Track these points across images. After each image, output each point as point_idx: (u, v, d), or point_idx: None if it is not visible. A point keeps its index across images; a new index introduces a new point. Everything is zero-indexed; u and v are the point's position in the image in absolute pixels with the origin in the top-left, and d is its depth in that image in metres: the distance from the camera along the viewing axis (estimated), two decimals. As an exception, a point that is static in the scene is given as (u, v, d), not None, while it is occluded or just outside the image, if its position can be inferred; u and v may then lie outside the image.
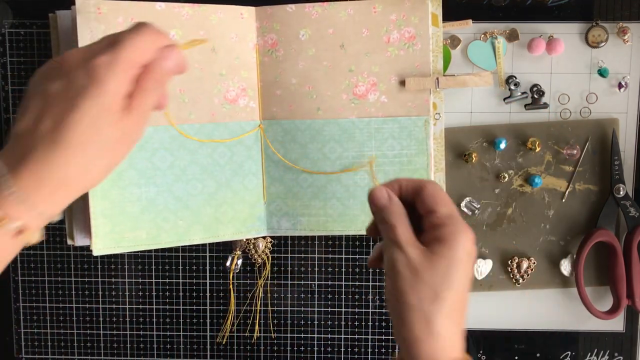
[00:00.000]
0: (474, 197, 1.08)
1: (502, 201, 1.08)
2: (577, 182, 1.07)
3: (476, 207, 1.07)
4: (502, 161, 1.07)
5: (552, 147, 1.06)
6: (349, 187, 1.04)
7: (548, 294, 1.10)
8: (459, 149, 1.07)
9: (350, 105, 1.02)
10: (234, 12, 1.01)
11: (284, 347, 1.13)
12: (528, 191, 1.07)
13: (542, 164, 1.07)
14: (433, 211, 0.76)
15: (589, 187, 1.07)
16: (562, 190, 1.07)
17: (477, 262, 1.08)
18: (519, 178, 1.07)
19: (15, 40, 1.06)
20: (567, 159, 1.06)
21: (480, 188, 1.08)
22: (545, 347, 1.12)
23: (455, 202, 1.05)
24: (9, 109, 1.07)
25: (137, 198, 0.99)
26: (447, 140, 1.06)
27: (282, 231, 1.06)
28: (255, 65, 1.03)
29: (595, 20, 1.04)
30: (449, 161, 1.07)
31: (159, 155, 1.00)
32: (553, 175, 1.07)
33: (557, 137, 1.06)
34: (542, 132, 1.06)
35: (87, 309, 1.12)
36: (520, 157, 1.07)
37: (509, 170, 1.07)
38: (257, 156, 1.05)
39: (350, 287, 1.11)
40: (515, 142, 1.06)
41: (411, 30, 1.01)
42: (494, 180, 1.07)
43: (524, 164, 1.07)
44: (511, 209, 1.08)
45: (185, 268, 1.11)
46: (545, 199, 1.08)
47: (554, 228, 1.08)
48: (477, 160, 1.06)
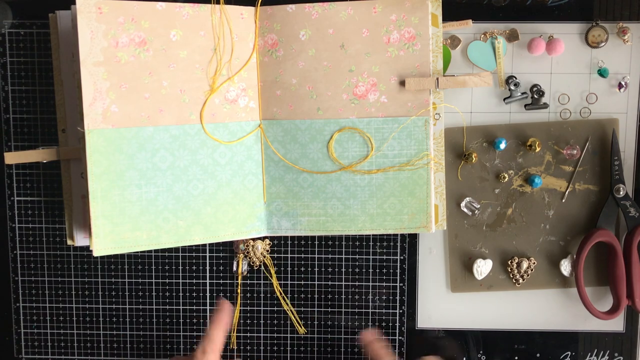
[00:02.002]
0: (474, 197, 1.08)
1: (502, 201, 1.08)
2: (577, 182, 1.07)
3: (476, 207, 1.07)
4: (502, 161, 1.07)
5: (552, 147, 1.06)
6: (349, 187, 1.04)
7: (548, 294, 1.10)
8: (459, 149, 1.07)
9: (351, 105, 1.02)
10: (234, 12, 1.01)
11: (284, 347, 1.13)
12: (528, 191, 1.07)
13: (542, 164, 1.07)
14: None
15: (589, 187, 1.07)
16: (562, 190, 1.07)
17: (477, 262, 1.08)
18: (519, 178, 1.07)
19: (15, 41, 1.06)
20: (567, 159, 1.06)
21: (480, 188, 1.08)
22: (545, 347, 1.12)
23: (455, 202, 1.05)
24: (9, 109, 1.07)
25: (138, 198, 0.99)
26: (447, 140, 1.06)
27: (282, 231, 1.06)
28: (255, 65, 1.03)
29: (595, 21, 1.04)
30: (449, 161, 1.07)
31: (160, 156, 1.00)
32: (553, 175, 1.07)
33: (557, 137, 1.06)
34: (542, 132, 1.06)
35: (87, 309, 1.12)
36: (520, 157, 1.07)
37: (509, 171, 1.07)
38: (257, 156, 1.05)
39: (350, 287, 1.11)
40: (515, 142, 1.06)
41: (411, 31, 1.01)
42: (494, 180, 1.07)
43: (524, 164, 1.07)
44: (511, 209, 1.08)
45: (185, 268, 1.11)
46: (545, 199, 1.08)
47: (554, 228, 1.08)
48: (477, 160, 1.06)
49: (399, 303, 1.11)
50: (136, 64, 0.97)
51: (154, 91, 0.98)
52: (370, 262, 1.11)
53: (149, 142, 0.99)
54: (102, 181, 0.96)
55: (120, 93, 0.96)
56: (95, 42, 0.94)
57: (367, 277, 1.11)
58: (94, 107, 0.95)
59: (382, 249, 1.10)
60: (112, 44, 0.95)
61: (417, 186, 1.03)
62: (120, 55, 0.96)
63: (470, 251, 1.09)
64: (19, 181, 1.09)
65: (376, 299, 1.11)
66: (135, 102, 0.97)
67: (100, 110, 0.95)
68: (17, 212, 1.10)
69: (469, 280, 1.09)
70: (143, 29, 0.96)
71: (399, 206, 1.04)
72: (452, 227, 1.08)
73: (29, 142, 1.08)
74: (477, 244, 1.09)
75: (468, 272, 1.09)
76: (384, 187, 1.04)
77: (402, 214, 1.04)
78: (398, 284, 1.11)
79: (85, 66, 0.94)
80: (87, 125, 0.95)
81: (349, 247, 1.10)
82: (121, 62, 0.96)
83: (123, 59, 0.96)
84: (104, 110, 0.95)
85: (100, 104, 0.95)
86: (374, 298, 1.11)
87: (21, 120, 1.07)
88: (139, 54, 0.97)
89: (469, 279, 1.09)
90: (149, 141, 0.99)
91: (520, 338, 1.12)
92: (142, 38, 0.96)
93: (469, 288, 1.10)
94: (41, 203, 1.09)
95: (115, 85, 0.96)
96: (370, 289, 1.11)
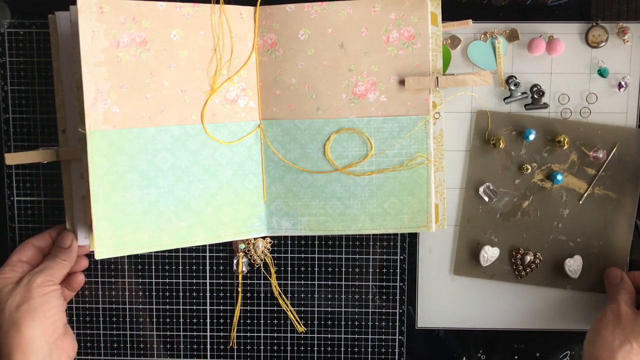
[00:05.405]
0: (494, 184, 1.07)
1: (520, 192, 1.08)
2: (597, 186, 1.07)
3: (494, 194, 1.07)
4: (527, 153, 1.07)
5: (580, 147, 1.06)
6: (349, 186, 1.04)
7: (549, 293, 1.10)
8: (488, 133, 1.07)
9: (350, 105, 1.03)
10: (233, 12, 1.01)
11: (283, 347, 1.13)
12: (547, 187, 1.07)
13: (566, 162, 1.07)
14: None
15: (608, 193, 1.07)
16: (581, 192, 1.07)
17: (485, 248, 1.08)
18: (540, 173, 1.07)
19: (14, 40, 1.06)
20: (592, 162, 1.06)
21: (502, 176, 1.08)
22: (545, 347, 1.12)
23: (473, 187, 1.05)
24: (9, 109, 1.07)
25: (139, 200, 0.99)
26: (477, 122, 1.06)
27: (283, 231, 1.06)
28: (254, 65, 1.03)
29: (595, 21, 1.04)
30: (476, 144, 1.07)
31: (161, 157, 0.99)
32: (575, 175, 1.07)
33: (586, 139, 1.06)
34: (572, 130, 1.06)
35: (87, 309, 1.12)
36: (546, 152, 1.07)
37: (533, 163, 1.07)
38: (257, 156, 1.05)
39: (350, 287, 1.11)
40: (544, 136, 1.06)
41: (411, 30, 1.01)
42: (516, 170, 1.07)
43: (549, 159, 1.07)
44: (528, 202, 1.08)
45: (185, 268, 1.11)
46: (563, 197, 1.08)
47: (566, 228, 1.08)
48: (504, 148, 1.06)
49: (399, 303, 1.11)
50: (137, 64, 0.96)
51: (155, 91, 0.98)
52: (370, 262, 1.11)
53: (151, 143, 0.99)
54: (104, 183, 0.96)
55: (122, 93, 0.96)
56: (97, 42, 0.94)
57: (367, 277, 1.11)
58: (95, 108, 0.95)
59: (382, 248, 1.10)
60: (113, 44, 0.95)
61: (417, 185, 1.03)
62: (122, 55, 0.95)
63: (480, 237, 1.09)
64: (18, 181, 1.09)
65: (376, 299, 1.11)
66: (136, 102, 0.97)
67: (102, 111, 0.95)
68: (17, 212, 1.10)
69: (474, 265, 1.10)
70: (144, 29, 0.96)
71: (399, 206, 1.04)
72: (467, 210, 1.09)
73: (29, 143, 1.08)
74: (488, 231, 1.09)
75: (474, 258, 1.09)
76: (384, 186, 1.04)
77: (402, 213, 1.04)
78: (398, 284, 1.11)
79: (87, 66, 0.94)
80: (89, 127, 0.94)
81: (349, 247, 1.10)
82: (122, 62, 0.96)
83: (124, 59, 0.96)
84: (105, 111, 0.95)
85: (101, 104, 0.95)
86: (373, 298, 1.11)
87: (21, 120, 1.07)
88: (140, 54, 0.96)
89: (474, 264, 1.10)
90: (150, 142, 0.99)
91: (520, 337, 1.12)
92: (143, 38, 0.96)
93: (471, 273, 1.10)
94: (41, 203, 1.09)
95: (117, 86, 0.95)
96: (370, 289, 1.11)
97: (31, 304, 0.97)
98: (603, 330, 0.99)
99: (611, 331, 0.98)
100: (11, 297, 0.97)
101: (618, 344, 0.97)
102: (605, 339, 0.98)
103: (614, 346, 0.97)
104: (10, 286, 0.99)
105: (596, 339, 0.99)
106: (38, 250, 1.05)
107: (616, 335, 0.97)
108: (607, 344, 0.97)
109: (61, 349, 1.00)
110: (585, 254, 1.09)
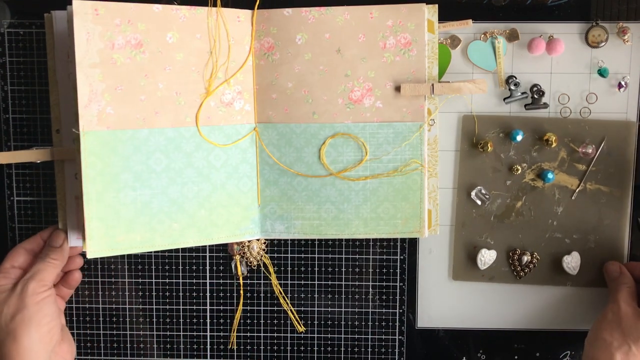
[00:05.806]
0: (485, 187, 1.07)
1: (512, 193, 1.08)
2: (589, 181, 1.07)
3: (486, 197, 1.07)
4: (517, 153, 1.07)
5: (568, 144, 1.06)
6: (344, 191, 1.04)
7: (549, 293, 1.10)
8: (476, 137, 1.07)
9: (346, 110, 1.02)
10: (230, 15, 1.01)
11: (283, 347, 1.13)
12: (539, 186, 1.07)
13: (556, 160, 1.06)
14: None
15: (600, 187, 1.07)
16: (573, 188, 1.07)
17: (482, 251, 1.08)
18: (531, 172, 1.07)
19: (14, 40, 1.07)
20: (582, 158, 1.06)
21: (493, 178, 1.07)
22: (545, 347, 1.12)
23: (465, 191, 1.05)
24: (9, 109, 1.08)
25: (132, 201, 0.99)
26: (464, 127, 1.06)
27: (276, 234, 1.06)
28: (251, 69, 1.03)
29: (595, 20, 1.03)
30: (464, 149, 1.07)
31: (155, 158, 1.00)
32: (566, 172, 1.07)
33: (574, 135, 1.06)
34: (559, 128, 1.06)
35: (86, 309, 1.13)
36: (535, 151, 1.06)
37: (523, 164, 1.07)
38: (252, 159, 1.05)
39: (350, 287, 1.11)
40: (532, 136, 1.06)
41: (407, 37, 1.00)
42: (506, 172, 1.07)
43: (538, 158, 1.07)
44: (521, 202, 1.08)
45: (185, 268, 1.12)
46: (556, 195, 1.07)
47: (561, 225, 1.08)
48: (492, 150, 1.06)
49: (399, 303, 1.11)
50: (132, 66, 0.97)
51: (150, 93, 0.98)
52: (370, 262, 1.11)
53: (144, 145, 0.99)
54: (97, 183, 0.97)
55: (116, 95, 0.96)
56: (92, 44, 0.94)
57: (367, 277, 1.11)
58: (89, 109, 0.95)
59: (382, 249, 1.10)
60: (108, 46, 0.95)
61: (410, 191, 1.03)
62: (116, 57, 0.96)
63: (476, 240, 1.09)
64: (18, 181, 1.09)
65: (376, 299, 1.11)
66: (130, 104, 0.97)
67: (96, 112, 0.95)
68: (17, 212, 1.10)
69: (472, 269, 1.09)
70: (139, 31, 0.96)
71: (392, 211, 1.04)
72: (461, 215, 1.09)
73: (29, 142, 1.08)
74: (483, 234, 1.08)
75: (471, 261, 1.09)
76: (377, 191, 1.03)
77: (396, 218, 1.04)
78: (398, 284, 1.11)
79: (81, 68, 0.94)
80: (82, 127, 0.95)
81: (349, 247, 1.10)
82: (117, 63, 0.96)
83: (119, 61, 0.96)
84: (99, 112, 0.95)
85: (95, 105, 0.95)
86: (373, 298, 1.11)
87: (20, 120, 1.08)
88: (135, 56, 0.96)
89: (472, 268, 1.09)
90: (144, 143, 0.99)
91: (520, 337, 1.12)
92: (138, 40, 0.96)
93: (470, 277, 1.10)
94: (40, 203, 1.10)
95: (111, 87, 0.96)
96: (370, 289, 1.11)
97: (26, 314, 0.97)
98: (602, 332, 0.99)
99: (610, 333, 0.98)
100: (6, 307, 0.97)
101: (617, 346, 0.97)
102: (604, 341, 0.98)
103: (612, 348, 0.97)
104: (4, 294, 0.99)
105: (595, 341, 1.00)
106: (30, 254, 1.04)
107: (615, 337, 0.98)
108: (606, 346, 0.98)
109: (60, 356, 1.00)
110: (583, 250, 1.08)
